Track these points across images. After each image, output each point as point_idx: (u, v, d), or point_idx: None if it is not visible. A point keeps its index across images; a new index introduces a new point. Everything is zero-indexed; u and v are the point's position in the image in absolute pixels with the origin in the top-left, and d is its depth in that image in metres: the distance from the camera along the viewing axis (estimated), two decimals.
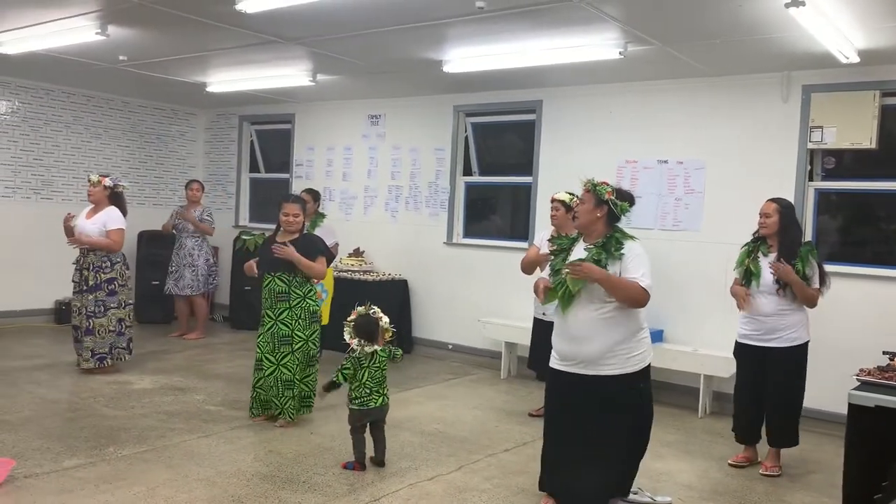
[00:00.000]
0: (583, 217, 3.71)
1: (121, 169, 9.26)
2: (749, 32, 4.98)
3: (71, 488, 3.85)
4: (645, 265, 3.58)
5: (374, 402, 4.37)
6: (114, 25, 5.75)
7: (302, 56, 6.55)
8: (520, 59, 5.97)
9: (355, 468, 4.32)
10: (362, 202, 8.66)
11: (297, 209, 5.18)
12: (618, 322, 3.59)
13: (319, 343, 5.27)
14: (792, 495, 4.38)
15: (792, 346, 4.61)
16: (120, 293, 6.29)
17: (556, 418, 3.82)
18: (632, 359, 3.63)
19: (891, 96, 5.62)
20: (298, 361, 5.07)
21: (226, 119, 10.09)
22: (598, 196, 3.66)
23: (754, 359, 4.73)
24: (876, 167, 5.89)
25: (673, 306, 6.30)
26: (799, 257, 4.56)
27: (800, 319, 4.63)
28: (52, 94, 8.76)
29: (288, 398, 5.07)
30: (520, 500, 4.07)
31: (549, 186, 6.98)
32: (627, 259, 3.58)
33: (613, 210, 3.66)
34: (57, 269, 7.81)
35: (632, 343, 3.63)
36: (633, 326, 3.64)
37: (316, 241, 5.34)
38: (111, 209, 6.29)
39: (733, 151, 6.21)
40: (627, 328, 3.61)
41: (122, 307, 6.31)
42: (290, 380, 5.05)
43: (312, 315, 5.14)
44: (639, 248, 3.63)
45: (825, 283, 4.63)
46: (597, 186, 3.68)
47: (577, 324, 3.62)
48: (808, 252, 4.60)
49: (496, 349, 7.31)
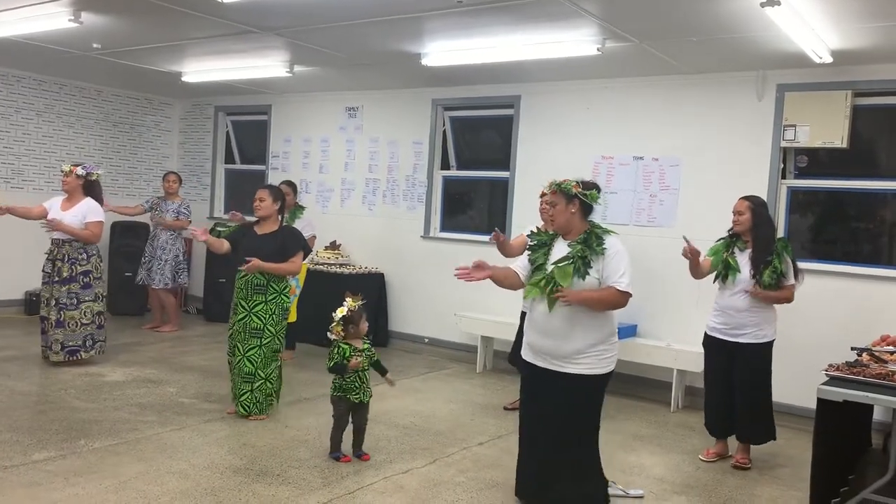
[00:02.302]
0: (558, 218, 3.70)
1: (94, 158, 9.11)
2: (725, 31, 5.03)
3: (40, 481, 3.80)
4: (624, 263, 3.58)
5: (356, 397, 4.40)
6: (87, 12, 5.66)
7: (279, 47, 6.50)
8: (498, 54, 5.97)
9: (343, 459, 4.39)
10: (339, 195, 8.63)
11: (265, 194, 5.16)
12: (592, 323, 3.59)
13: (284, 339, 5.23)
14: (761, 489, 4.45)
15: (760, 342, 4.68)
16: (95, 286, 6.23)
17: (525, 412, 3.85)
18: (603, 360, 3.62)
19: (862, 96, 5.71)
20: (264, 356, 5.04)
21: (201, 109, 9.98)
22: (566, 193, 3.66)
23: (722, 352, 4.79)
24: (847, 166, 5.99)
25: (647, 302, 6.36)
26: (775, 253, 4.62)
27: (769, 317, 4.70)
28: (24, 82, 8.61)
29: (245, 392, 5.04)
30: (493, 493, 4.09)
31: (527, 181, 7.02)
32: (608, 256, 3.57)
33: (585, 201, 3.67)
34: (27, 259, 7.69)
35: (605, 345, 3.63)
36: (608, 329, 3.65)
37: (296, 235, 5.31)
38: (89, 201, 6.21)
39: (708, 149, 6.28)
40: (602, 330, 3.61)
41: (98, 300, 6.25)
42: (252, 373, 5.01)
43: (284, 311, 5.14)
44: (619, 245, 3.64)
45: (798, 278, 4.69)
46: (561, 185, 3.69)
47: (554, 320, 3.61)
48: (783, 248, 4.67)
49: (472, 343, 7.33)
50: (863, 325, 5.39)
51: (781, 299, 4.65)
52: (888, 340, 4.60)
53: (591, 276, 3.55)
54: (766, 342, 4.70)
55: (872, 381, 3.66)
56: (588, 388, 3.64)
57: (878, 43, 5.02)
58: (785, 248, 4.69)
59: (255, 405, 5.05)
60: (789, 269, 4.66)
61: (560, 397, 3.64)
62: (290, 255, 5.09)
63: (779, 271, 4.59)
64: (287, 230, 5.29)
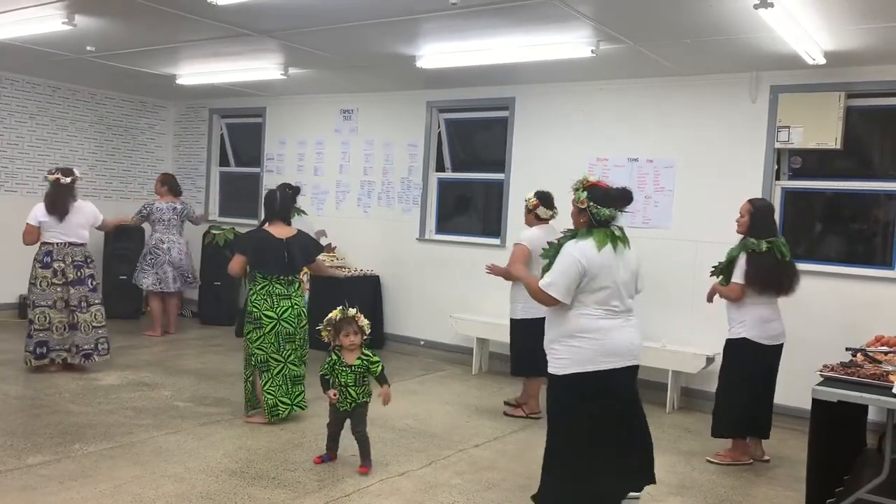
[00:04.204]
0: (573, 217, 3.75)
1: (88, 162, 9.11)
2: (719, 33, 5.04)
3: (35, 485, 3.79)
4: (558, 264, 3.51)
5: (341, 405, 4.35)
6: (81, 15, 5.64)
7: (274, 49, 6.49)
8: (493, 56, 5.97)
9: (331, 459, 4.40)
10: (334, 197, 8.62)
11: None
12: (552, 320, 3.63)
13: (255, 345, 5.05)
14: (757, 489, 4.46)
15: (728, 339, 4.82)
16: (98, 289, 6.35)
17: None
18: (556, 360, 3.57)
19: (855, 98, 5.73)
20: (244, 359, 5.13)
21: (196, 112, 9.96)
22: (576, 203, 3.65)
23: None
24: (841, 167, 6.01)
25: (641, 303, 6.32)
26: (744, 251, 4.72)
27: (734, 317, 4.78)
28: (17, 85, 8.58)
29: (299, 392, 5.16)
30: (489, 495, 4.09)
31: (522, 183, 7.02)
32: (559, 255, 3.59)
33: (592, 218, 3.61)
34: (20, 262, 7.61)
35: (559, 345, 3.57)
36: (565, 329, 3.54)
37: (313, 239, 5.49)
38: (87, 203, 6.32)
39: (703, 150, 6.29)
40: (559, 329, 3.57)
41: (102, 303, 6.36)
42: (299, 374, 5.15)
43: (249, 315, 5.03)
44: (570, 248, 3.54)
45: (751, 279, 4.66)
46: (577, 192, 3.64)
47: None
48: (741, 248, 4.72)
49: (468, 345, 7.33)
50: (857, 325, 5.41)
51: (722, 293, 4.81)
52: (882, 341, 4.61)
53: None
54: (735, 339, 4.78)
55: (867, 382, 3.67)
56: (551, 387, 3.67)
57: (871, 44, 5.04)
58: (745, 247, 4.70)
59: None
60: (736, 267, 4.69)
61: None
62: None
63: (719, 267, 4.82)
64: (305, 235, 5.34)
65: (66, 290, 6.12)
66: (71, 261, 6.15)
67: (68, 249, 6.16)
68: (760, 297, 4.71)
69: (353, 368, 4.27)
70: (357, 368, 4.28)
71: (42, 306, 6.08)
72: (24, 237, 6.14)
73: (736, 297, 4.71)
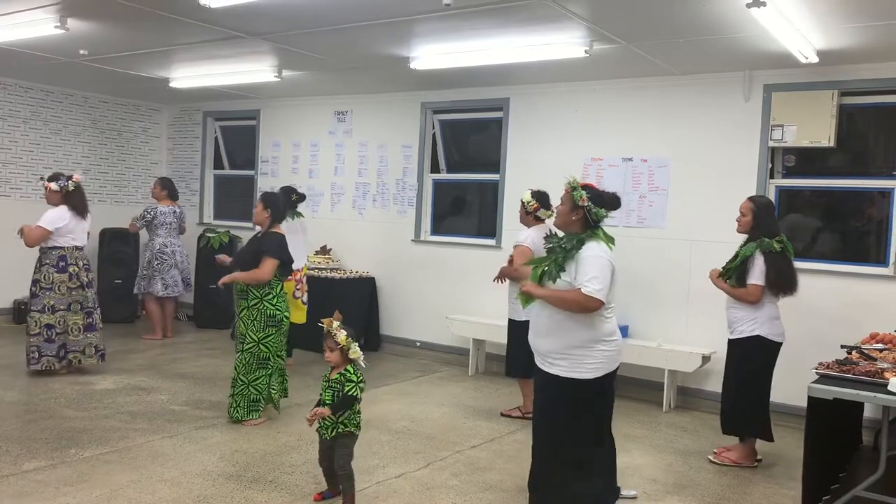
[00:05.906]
0: (559, 218, 3.72)
1: (82, 165, 9.08)
2: (712, 32, 5.05)
3: (30, 491, 3.77)
4: (595, 268, 3.46)
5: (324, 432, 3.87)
6: (74, 19, 5.63)
7: (267, 51, 6.48)
8: (487, 57, 5.97)
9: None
10: (329, 199, 8.61)
11: (259, 201, 5.29)
12: (571, 326, 3.54)
13: (273, 347, 5.09)
14: (753, 487, 4.46)
15: (738, 338, 4.75)
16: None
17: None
18: (583, 365, 3.53)
19: (848, 96, 5.75)
20: (245, 362, 5.06)
21: (189, 115, 9.94)
22: (573, 201, 3.63)
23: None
24: (834, 165, 6.02)
25: (637, 302, 6.38)
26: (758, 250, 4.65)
27: (745, 315, 4.71)
28: (9, 89, 8.55)
29: (229, 395, 5.16)
30: (487, 496, 4.08)
31: (517, 184, 7.02)
32: (580, 260, 3.51)
33: (588, 216, 3.61)
34: (16, 267, 7.62)
35: (586, 350, 3.53)
36: (591, 334, 3.53)
37: (263, 241, 5.15)
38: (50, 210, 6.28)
39: (697, 149, 6.30)
40: (582, 334, 3.53)
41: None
42: (235, 378, 5.10)
43: (269, 318, 5.06)
44: (596, 250, 3.52)
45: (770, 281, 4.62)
46: (575, 190, 3.62)
47: (540, 319, 3.67)
48: (755, 248, 4.66)
49: (464, 346, 7.33)
50: (852, 322, 5.42)
51: (732, 291, 4.73)
52: (877, 338, 4.63)
53: (563, 279, 3.54)
54: (743, 338, 4.74)
55: (862, 379, 3.68)
56: (559, 393, 3.60)
57: (864, 43, 5.06)
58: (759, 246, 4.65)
59: (235, 409, 5.08)
60: (751, 269, 4.63)
61: (539, 394, 3.74)
62: (259, 262, 5.03)
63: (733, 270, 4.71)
64: (266, 236, 5.17)
65: (82, 293, 6.23)
66: (83, 264, 6.27)
67: (78, 253, 6.25)
68: (772, 296, 4.71)
69: (330, 383, 3.85)
70: (334, 383, 3.82)
71: (62, 310, 6.14)
72: (34, 241, 6.09)
73: (755, 300, 4.64)
